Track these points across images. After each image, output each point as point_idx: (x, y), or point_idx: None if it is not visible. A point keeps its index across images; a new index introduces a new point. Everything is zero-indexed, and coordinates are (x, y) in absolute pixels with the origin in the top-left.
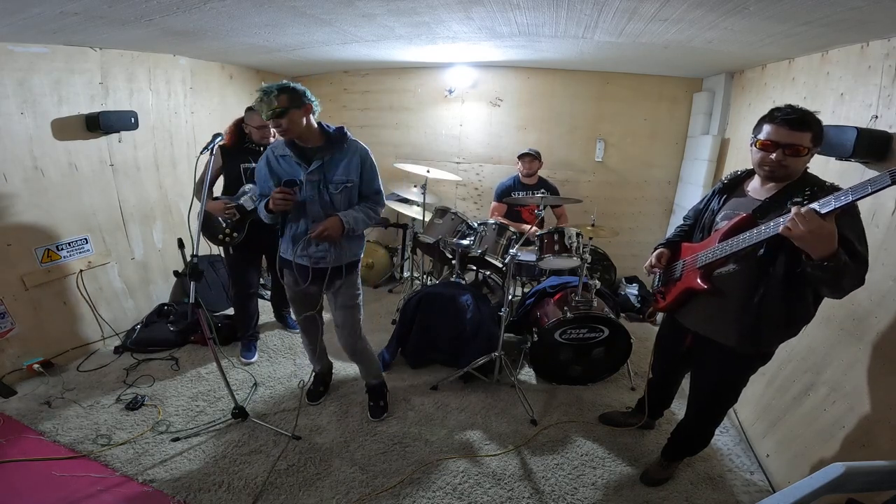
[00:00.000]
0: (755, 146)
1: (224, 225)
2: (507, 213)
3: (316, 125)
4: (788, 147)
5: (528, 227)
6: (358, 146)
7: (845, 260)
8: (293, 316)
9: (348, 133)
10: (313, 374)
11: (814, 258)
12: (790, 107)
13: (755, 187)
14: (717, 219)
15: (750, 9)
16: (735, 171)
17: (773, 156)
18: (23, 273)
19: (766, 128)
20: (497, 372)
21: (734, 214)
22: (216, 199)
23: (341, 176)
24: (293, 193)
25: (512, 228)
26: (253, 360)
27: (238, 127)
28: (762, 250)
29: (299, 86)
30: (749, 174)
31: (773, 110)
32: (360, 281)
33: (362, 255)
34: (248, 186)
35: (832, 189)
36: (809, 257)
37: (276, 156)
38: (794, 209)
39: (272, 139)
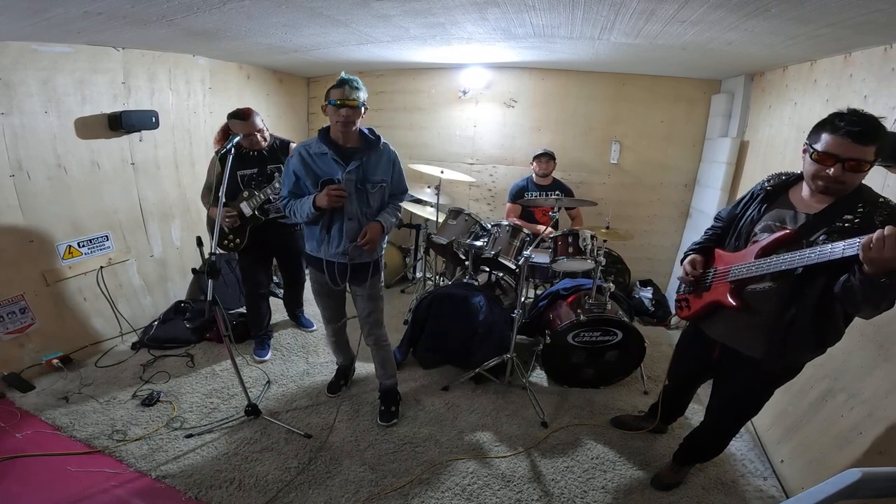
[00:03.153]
0: (810, 157)
1: (227, 231)
2: (520, 215)
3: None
4: (849, 161)
5: (543, 227)
6: (389, 149)
7: None
8: (321, 316)
9: (381, 137)
10: (337, 369)
11: (870, 273)
12: (855, 114)
13: (803, 198)
14: (757, 229)
15: (772, 10)
16: (780, 175)
17: (831, 171)
18: (44, 269)
19: (826, 138)
20: (508, 374)
21: (777, 227)
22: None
23: (379, 176)
24: (346, 191)
25: (526, 230)
26: (266, 358)
27: (225, 134)
28: (799, 270)
29: None
30: (797, 179)
31: (835, 117)
32: (382, 275)
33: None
34: (245, 193)
35: (886, 205)
36: (861, 272)
37: (311, 153)
38: (888, 230)
39: (263, 143)
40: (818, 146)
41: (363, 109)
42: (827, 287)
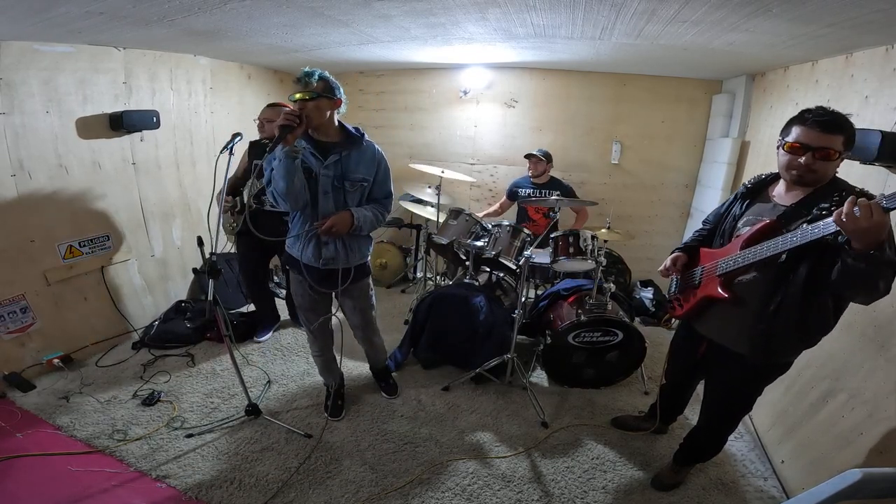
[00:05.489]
0: (783, 149)
1: (229, 214)
2: (516, 212)
3: (336, 122)
4: (819, 150)
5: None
6: (375, 148)
7: (889, 252)
8: (305, 331)
9: (365, 134)
10: (326, 389)
11: (858, 248)
12: (822, 108)
13: (780, 192)
14: (739, 224)
15: (773, 11)
16: (759, 175)
17: (802, 159)
18: (45, 268)
19: (796, 129)
20: (509, 374)
21: (757, 220)
22: (237, 194)
23: (359, 174)
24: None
25: (526, 231)
26: (263, 339)
27: (262, 123)
28: (783, 257)
29: (337, 82)
30: (774, 178)
31: (803, 111)
32: (371, 281)
33: (369, 257)
34: (249, 181)
35: (863, 195)
36: (851, 249)
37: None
38: (860, 200)
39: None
40: (790, 138)
41: (327, 101)
42: (811, 275)
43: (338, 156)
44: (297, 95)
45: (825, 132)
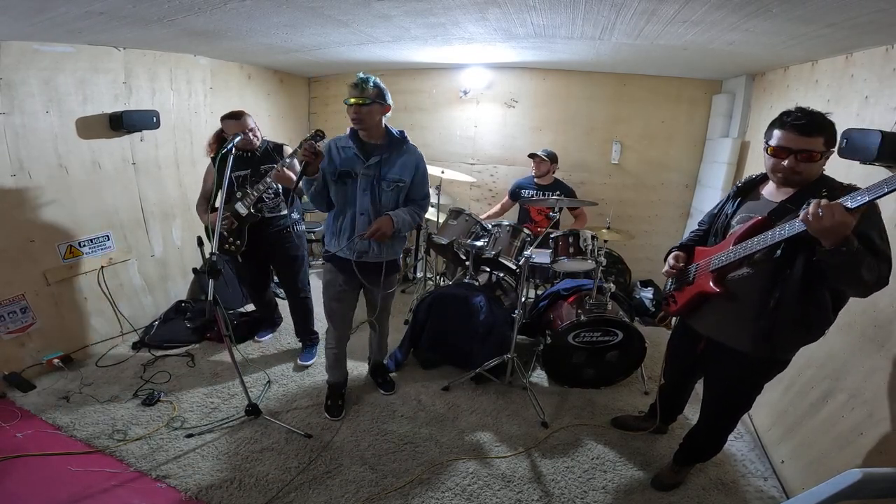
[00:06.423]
0: (767, 153)
1: (226, 234)
2: (518, 212)
3: (384, 126)
4: (800, 153)
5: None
6: (415, 151)
7: (857, 246)
8: (326, 321)
9: (408, 138)
10: (328, 388)
11: (826, 246)
12: (800, 110)
13: (770, 191)
14: (733, 223)
15: (773, 11)
16: (750, 175)
17: (786, 163)
18: (45, 268)
19: (777, 133)
20: (509, 374)
21: (749, 217)
22: (214, 210)
23: (396, 175)
24: (315, 146)
25: (526, 230)
26: (264, 339)
27: (219, 137)
28: (779, 252)
29: (386, 88)
30: (765, 177)
31: (782, 114)
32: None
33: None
34: (239, 193)
35: (850, 190)
36: (821, 246)
37: (338, 146)
38: (822, 202)
39: (255, 143)
40: (772, 142)
41: (378, 106)
42: (807, 270)
43: (378, 158)
44: (353, 100)
45: (803, 135)
